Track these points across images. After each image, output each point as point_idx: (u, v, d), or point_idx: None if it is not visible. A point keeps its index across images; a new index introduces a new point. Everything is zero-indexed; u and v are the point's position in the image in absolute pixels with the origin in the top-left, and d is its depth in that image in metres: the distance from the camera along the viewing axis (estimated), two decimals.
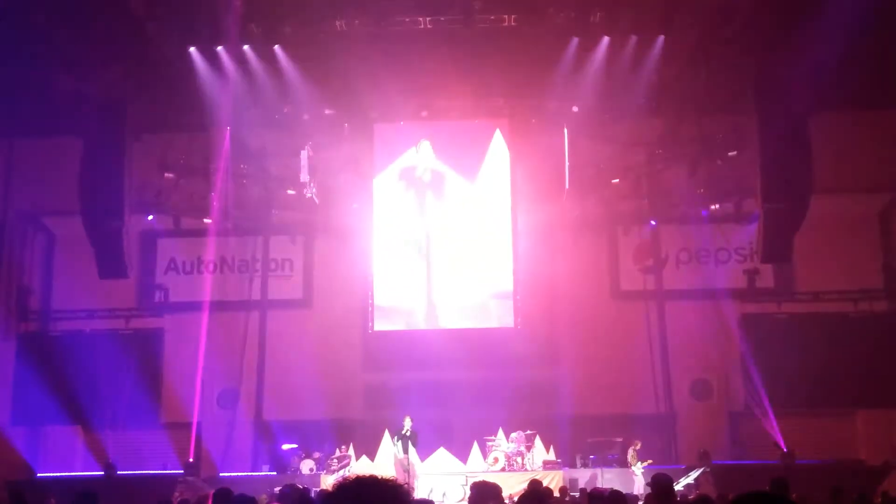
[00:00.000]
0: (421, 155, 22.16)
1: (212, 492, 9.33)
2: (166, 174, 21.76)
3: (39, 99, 19.72)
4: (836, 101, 19.90)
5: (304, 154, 21.30)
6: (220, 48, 20.38)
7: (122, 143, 21.21)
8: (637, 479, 18.37)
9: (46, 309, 22.49)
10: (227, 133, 21.25)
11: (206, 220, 22.56)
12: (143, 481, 19.33)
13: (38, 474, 20.53)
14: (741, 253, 22.01)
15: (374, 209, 22.21)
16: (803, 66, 19.46)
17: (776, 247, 21.04)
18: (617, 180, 22.06)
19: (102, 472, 20.33)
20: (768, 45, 19.18)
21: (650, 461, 18.82)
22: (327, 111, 21.57)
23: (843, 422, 20.05)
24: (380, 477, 2.88)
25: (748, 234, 21.79)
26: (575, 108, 21.25)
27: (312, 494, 12.93)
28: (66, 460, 20.76)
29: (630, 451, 18.99)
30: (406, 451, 17.42)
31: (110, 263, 21.28)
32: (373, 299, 21.90)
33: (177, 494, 17.62)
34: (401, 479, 17.00)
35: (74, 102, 19.81)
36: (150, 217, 22.29)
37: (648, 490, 9.15)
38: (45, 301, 22.66)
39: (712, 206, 21.82)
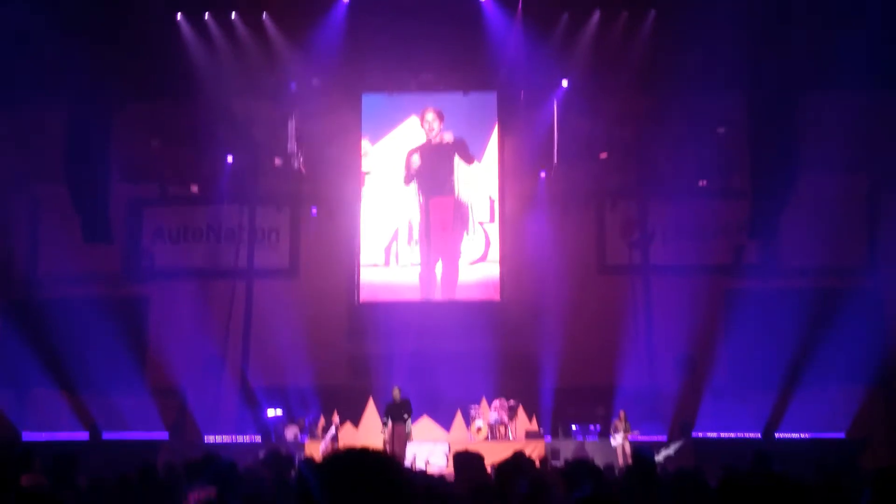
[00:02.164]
0: (425, 125, 22.20)
1: (197, 457, 9.38)
2: (153, 142, 21.68)
3: (26, 64, 19.53)
4: (825, 80, 19.94)
5: (291, 124, 21.26)
6: (207, 15, 20.31)
7: (107, 110, 21.19)
8: (617, 450, 18.55)
9: (32, 274, 22.42)
10: (217, 101, 21.12)
11: (192, 188, 22.54)
12: (127, 445, 19.40)
13: (24, 436, 20.57)
14: (728, 228, 22.09)
15: (364, 180, 22.23)
16: (793, 45, 19.57)
17: (763, 222, 21.21)
18: (605, 155, 22.08)
19: (87, 436, 20.46)
20: (760, 23, 19.19)
21: (636, 431, 18.97)
22: (315, 81, 21.48)
23: (825, 397, 20.19)
24: (371, 449, 2.84)
25: (735, 210, 21.90)
26: (565, 83, 21.25)
27: (297, 461, 13.05)
28: (51, 423, 20.77)
29: (615, 422, 19.12)
30: (395, 420, 17.53)
31: (95, 229, 21.32)
32: (359, 270, 21.96)
33: (161, 458, 17.69)
34: (389, 449, 17.23)
35: (61, 68, 19.65)
36: (137, 184, 22.23)
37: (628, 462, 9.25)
38: (30, 266, 22.59)
39: (700, 182, 21.88)
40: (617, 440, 18.69)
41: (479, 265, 21.89)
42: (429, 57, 21.06)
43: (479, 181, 22.21)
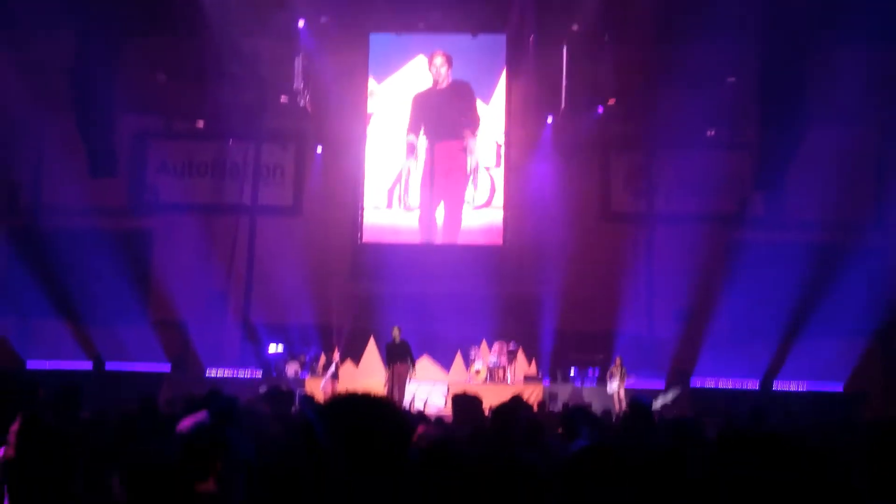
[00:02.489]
0: (433, 69, 22.02)
1: (199, 392, 9.47)
2: (158, 76, 21.56)
3: None
4: (837, 32, 19.72)
5: (297, 61, 21.11)
6: None
7: (114, 43, 21.04)
8: (613, 397, 18.72)
9: (37, 204, 22.45)
10: (224, 37, 20.94)
11: (198, 123, 22.47)
12: (129, 377, 19.60)
13: (28, 365, 20.77)
14: (734, 180, 21.96)
15: (369, 120, 22.13)
16: None
17: (769, 174, 21.12)
18: (613, 102, 21.91)
19: (91, 366, 20.65)
20: None
21: (632, 377, 19.09)
22: (323, 19, 21.29)
23: (824, 349, 20.26)
24: (372, 394, 2.89)
25: (742, 162, 21.79)
26: (575, 27, 21.02)
27: (297, 397, 13.16)
28: (55, 352, 20.94)
29: (611, 369, 19.24)
30: (394, 360, 17.64)
31: (101, 162, 21.33)
32: (363, 211, 21.97)
33: (164, 390, 17.86)
34: (388, 388, 17.37)
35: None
36: (143, 118, 22.17)
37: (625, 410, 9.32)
38: (35, 196, 22.61)
39: (708, 132, 21.75)
40: (613, 386, 18.83)
41: (483, 210, 21.87)
42: None
43: (486, 126, 22.10)
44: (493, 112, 22.12)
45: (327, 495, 2.77)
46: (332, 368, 18.84)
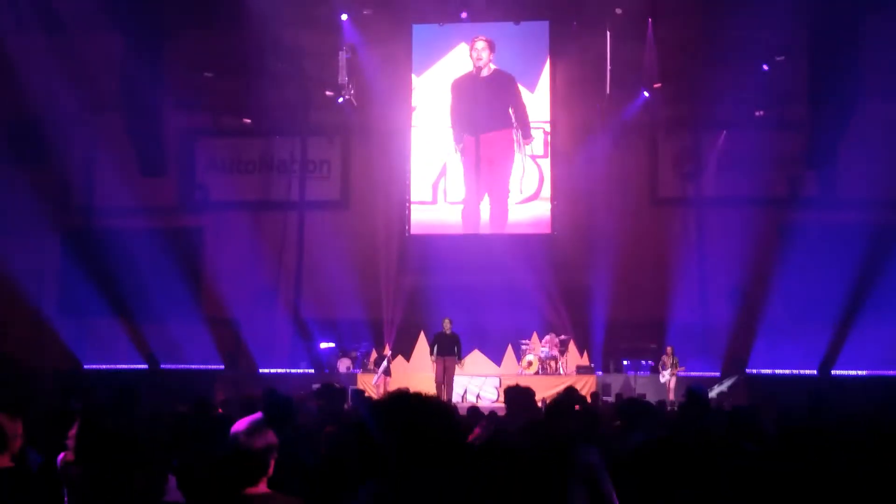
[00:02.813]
0: (474, 53, 21.88)
1: (255, 392, 9.52)
2: (205, 73, 21.71)
3: None
4: (887, 4, 19.30)
5: (341, 55, 21.11)
6: None
7: (161, 41, 21.28)
8: (665, 385, 18.57)
9: (89, 205, 22.73)
10: (267, 32, 21.03)
11: (244, 120, 22.61)
12: (184, 376, 19.77)
13: (85, 365, 21.08)
14: (785, 160, 21.55)
15: (414, 111, 22.09)
16: None
17: (821, 153, 20.74)
18: (659, 84, 21.64)
19: (146, 366, 20.90)
20: None
21: (682, 367, 18.93)
22: (365, 11, 21.28)
23: (882, 333, 19.83)
24: (425, 393, 2.94)
25: (793, 141, 21.40)
26: (618, 10, 20.78)
27: (350, 393, 13.19)
28: (111, 352, 21.22)
29: (662, 358, 19.09)
30: (444, 353, 17.63)
31: (151, 161, 21.62)
32: (410, 202, 21.96)
33: (217, 389, 18.01)
34: (437, 380, 17.38)
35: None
36: (190, 116, 22.35)
37: (681, 399, 9.20)
38: (87, 197, 22.90)
39: (756, 113, 21.40)
40: (665, 375, 18.69)
41: (530, 197, 21.70)
42: None
43: (532, 114, 21.91)
44: (538, 100, 21.93)
45: (381, 492, 2.80)
46: (385, 364, 18.86)
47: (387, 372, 18.73)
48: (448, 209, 21.87)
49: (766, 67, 20.60)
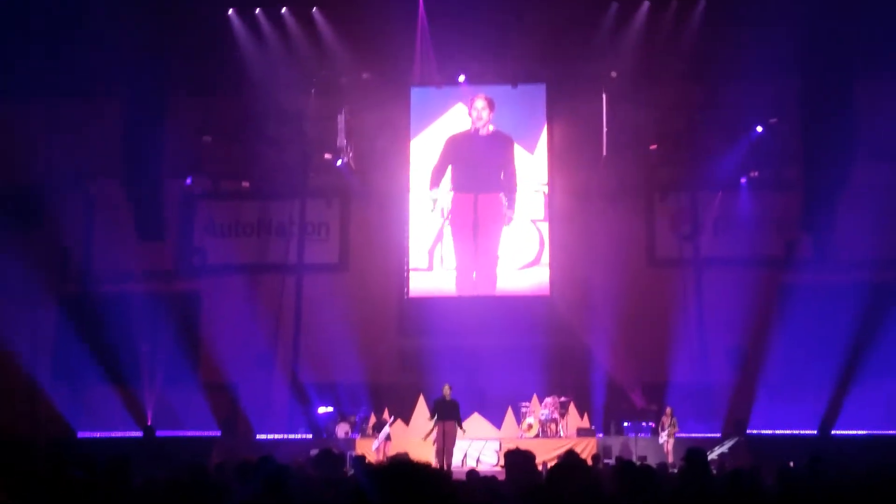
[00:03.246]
0: (474, 113, 22.02)
1: (251, 458, 9.43)
2: (204, 137, 21.88)
3: (79, 60, 19.82)
4: (879, 65, 19.54)
5: (340, 118, 21.32)
6: (258, 11, 20.50)
7: (161, 106, 21.52)
8: (663, 447, 18.46)
9: (87, 270, 22.69)
10: (267, 96, 21.28)
11: (243, 184, 22.71)
12: (180, 442, 19.62)
13: (79, 434, 20.88)
14: (780, 221, 21.70)
15: (411, 173, 22.19)
16: (847, 30, 19.20)
17: (817, 215, 20.85)
18: (655, 146, 21.84)
19: (141, 433, 20.70)
20: (812, 9, 18.88)
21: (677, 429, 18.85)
22: (364, 75, 21.55)
23: (882, 393, 19.79)
24: (423, 463, 2.99)
25: (788, 203, 21.54)
26: (614, 74, 21.05)
27: (349, 459, 13.07)
28: (105, 420, 21.05)
29: (662, 419, 18.99)
30: (444, 418, 17.50)
31: (149, 226, 21.66)
32: (408, 264, 21.94)
33: (214, 456, 17.83)
34: (437, 446, 17.22)
35: (114, 64, 19.92)
36: (189, 180, 22.46)
37: (681, 462, 9.11)
38: (85, 263, 22.87)
39: (752, 174, 21.55)
40: (663, 437, 18.59)
41: (528, 259, 21.68)
42: (477, 49, 20.96)
43: (532, 176, 21.97)
44: (538, 162, 22.02)
45: None
46: (387, 430, 18.71)
47: (388, 438, 18.58)
48: (444, 274, 21.83)
49: (760, 129, 20.78)
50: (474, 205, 21.93)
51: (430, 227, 22.06)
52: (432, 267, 22.00)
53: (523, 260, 21.73)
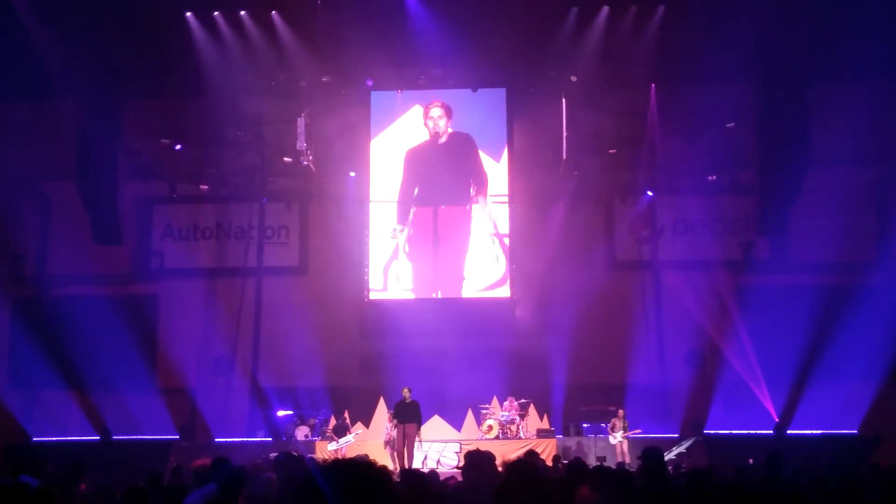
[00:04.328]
0: (430, 122, 22.00)
1: (209, 460, 9.37)
2: (162, 140, 21.71)
3: (35, 63, 19.59)
4: (834, 71, 19.83)
5: (300, 121, 21.23)
6: (216, 14, 20.35)
7: (117, 109, 21.27)
8: (616, 448, 18.60)
9: (42, 274, 22.43)
10: (226, 99, 21.17)
11: (202, 187, 22.56)
12: (138, 446, 19.45)
13: (34, 438, 20.60)
14: (737, 224, 21.99)
15: (371, 176, 22.14)
16: (802, 36, 19.47)
17: (772, 218, 21.10)
18: (614, 150, 22.01)
19: (98, 437, 20.47)
20: (768, 16, 19.12)
21: (638, 430, 18.96)
22: (324, 79, 21.50)
23: (837, 393, 20.06)
24: (370, 462, 3.07)
25: (745, 206, 21.79)
26: (573, 78, 21.18)
27: (307, 462, 13.01)
28: (61, 424, 20.79)
29: (613, 420, 19.11)
30: (404, 420, 17.50)
31: (105, 229, 21.37)
32: (368, 267, 21.88)
33: (172, 460, 17.73)
34: (398, 447, 17.22)
35: (70, 67, 19.70)
36: (146, 183, 22.27)
37: (637, 461, 9.18)
38: (40, 266, 22.60)
39: (709, 177, 21.78)
40: (616, 438, 18.71)
41: (488, 262, 21.67)
42: (437, 53, 20.98)
43: (497, 185, 21.96)
44: (503, 171, 22.06)
45: None
46: (351, 438, 18.72)
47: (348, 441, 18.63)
48: (408, 273, 21.73)
49: (717, 134, 20.98)
50: (434, 219, 21.86)
51: (392, 229, 21.93)
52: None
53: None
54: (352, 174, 22.33)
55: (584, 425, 19.91)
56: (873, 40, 18.15)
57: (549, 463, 15.00)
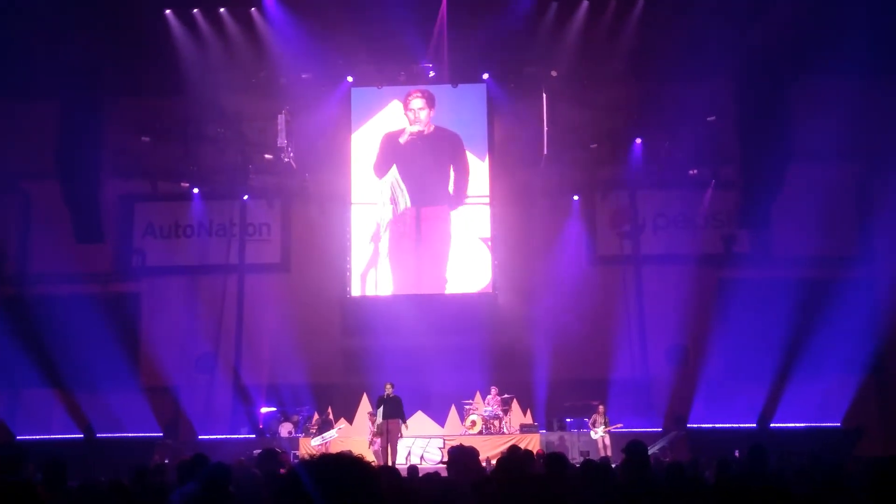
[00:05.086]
0: (410, 114, 21.96)
1: (188, 457, 9.36)
2: (143, 138, 21.62)
3: (15, 61, 19.47)
4: (815, 65, 19.93)
5: (281, 118, 21.18)
6: (195, 11, 20.29)
7: (97, 107, 21.24)
8: (598, 443, 18.64)
9: (23, 272, 22.30)
10: (206, 97, 21.11)
11: (183, 184, 22.48)
12: (121, 444, 19.38)
13: (17, 437, 20.51)
14: (719, 218, 22.08)
15: (352, 173, 22.11)
16: (783, 31, 19.55)
17: (754, 212, 21.21)
18: (595, 145, 22.06)
19: (82, 435, 20.40)
20: (749, 9, 19.20)
21: (620, 425, 18.98)
22: (304, 75, 21.45)
23: (819, 386, 20.18)
24: (353, 456, 3.02)
25: (726, 200, 21.89)
26: (554, 73, 21.21)
27: (291, 458, 13.01)
28: (44, 423, 20.71)
29: (594, 416, 19.13)
30: (387, 416, 17.46)
31: (87, 227, 21.33)
32: (350, 264, 21.86)
33: (156, 458, 17.69)
34: (381, 443, 17.20)
35: (50, 65, 19.59)
36: (128, 181, 22.19)
37: (621, 455, 9.22)
38: (21, 264, 22.48)
39: (690, 172, 21.85)
40: (597, 433, 18.74)
41: (470, 257, 21.67)
42: (418, 49, 20.99)
43: (476, 181, 21.94)
44: (475, 158, 22.03)
45: None
46: (334, 433, 18.71)
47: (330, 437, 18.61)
48: (390, 269, 21.71)
49: (698, 128, 21.05)
50: (417, 218, 21.85)
51: (373, 224, 21.90)
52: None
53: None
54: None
55: (568, 420, 19.93)
56: (855, 35, 18.23)
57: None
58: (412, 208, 21.77)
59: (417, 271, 21.69)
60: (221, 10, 20.37)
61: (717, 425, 20.17)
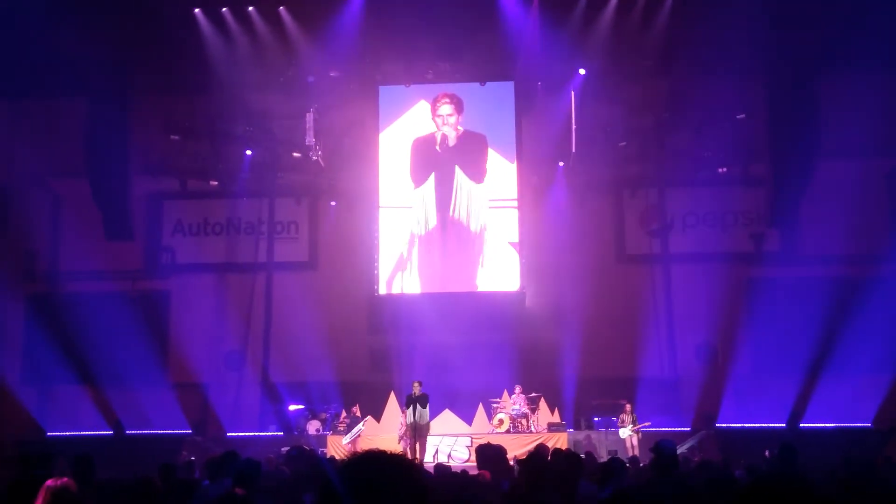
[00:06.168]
0: (438, 120, 21.97)
1: (217, 454, 9.40)
2: (172, 136, 21.74)
3: (45, 60, 19.64)
4: (845, 62, 19.73)
5: (309, 116, 21.24)
6: (224, 10, 20.39)
7: (126, 105, 21.40)
8: (626, 442, 18.54)
9: (54, 270, 22.52)
10: (235, 95, 21.20)
11: (212, 182, 22.59)
12: (150, 441, 19.51)
13: (48, 433, 20.71)
14: (748, 216, 21.93)
15: (380, 171, 22.12)
16: (812, 27, 19.38)
17: (783, 210, 21.04)
18: (624, 143, 21.94)
19: (111, 432, 20.57)
20: (779, 7, 19.03)
21: (648, 423, 18.86)
22: (332, 73, 21.48)
23: (849, 386, 19.98)
24: (390, 452, 2.87)
25: (755, 198, 21.72)
26: (582, 71, 21.10)
27: (320, 456, 13.03)
28: (74, 419, 20.89)
29: (621, 415, 19.04)
30: (415, 414, 17.43)
31: (116, 225, 21.51)
32: (378, 262, 21.88)
33: (184, 454, 17.79)
34: (410, 442, 17.18)
35: (80, 64, 19.74)
36: (157, 179, 22.35)
37: (646, 454, 9.17)
38: (52, 263, 22.69)
39: (720, 170, 21.70)
40: (626, 432, 18.64)
41: (499, 255, 21.61)
42: (445, 47, 20.97)
43: (499, 170, 21.90)
44: (504, 157, 21.97)
45: None
46: (361, 427, 18.68)
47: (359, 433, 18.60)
48: (418, 266, 21.69)
49: (727, 125, 20.90)
50: (443, 225, 21.78)
51: (401, 222, 21.88)
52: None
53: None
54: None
55: (595, 419, 19.85)
56: (885, 31, 18.04)
57: None
58: (436, 214, 21.77)
59: (444, 271, 21.66)
60: (250, 8, 20.45)
61: (746, 425, 20.04)
